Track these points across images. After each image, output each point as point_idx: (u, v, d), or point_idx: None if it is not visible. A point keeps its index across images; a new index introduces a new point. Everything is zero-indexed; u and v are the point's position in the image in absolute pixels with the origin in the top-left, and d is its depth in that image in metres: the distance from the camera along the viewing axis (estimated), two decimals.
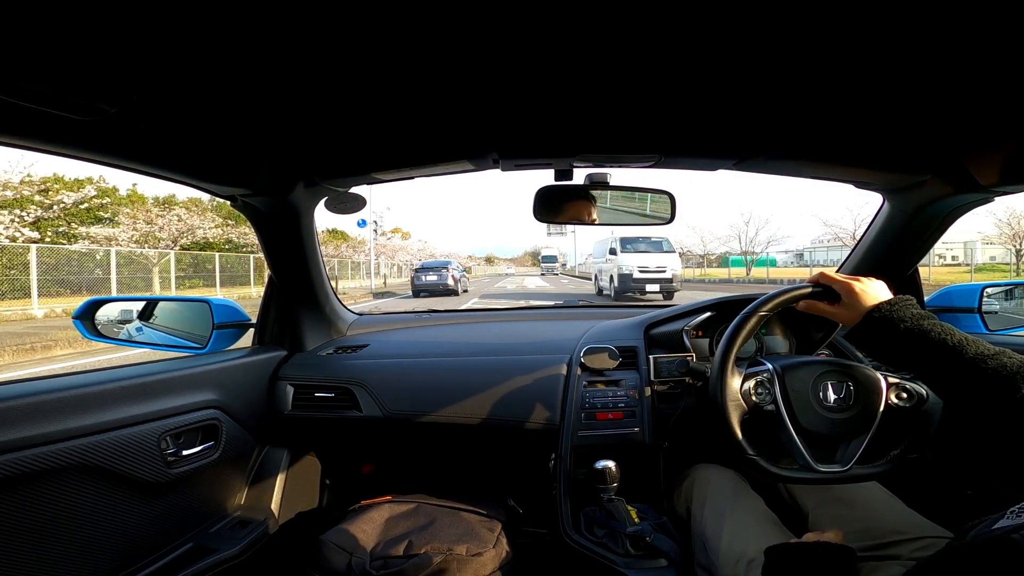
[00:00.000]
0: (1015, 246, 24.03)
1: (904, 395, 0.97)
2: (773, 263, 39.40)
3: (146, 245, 17.95)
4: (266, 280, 1.64)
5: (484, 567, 1.25)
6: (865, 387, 0.96)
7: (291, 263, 1.56)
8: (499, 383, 1.48)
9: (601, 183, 1.34)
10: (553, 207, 1.36)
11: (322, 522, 1.42)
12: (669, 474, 1.33)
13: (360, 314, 1.95)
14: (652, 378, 1.41)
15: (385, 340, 1.77)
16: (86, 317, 1.57)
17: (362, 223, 26.33)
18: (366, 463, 1.85)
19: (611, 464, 1.23)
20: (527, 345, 1.64)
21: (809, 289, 0.97)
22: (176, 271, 18.23)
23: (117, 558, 1.09)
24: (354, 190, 1.44)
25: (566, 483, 1.31)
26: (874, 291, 0.89)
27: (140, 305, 1.74)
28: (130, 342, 1.67)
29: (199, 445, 1.27)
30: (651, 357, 1.44)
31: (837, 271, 1.65)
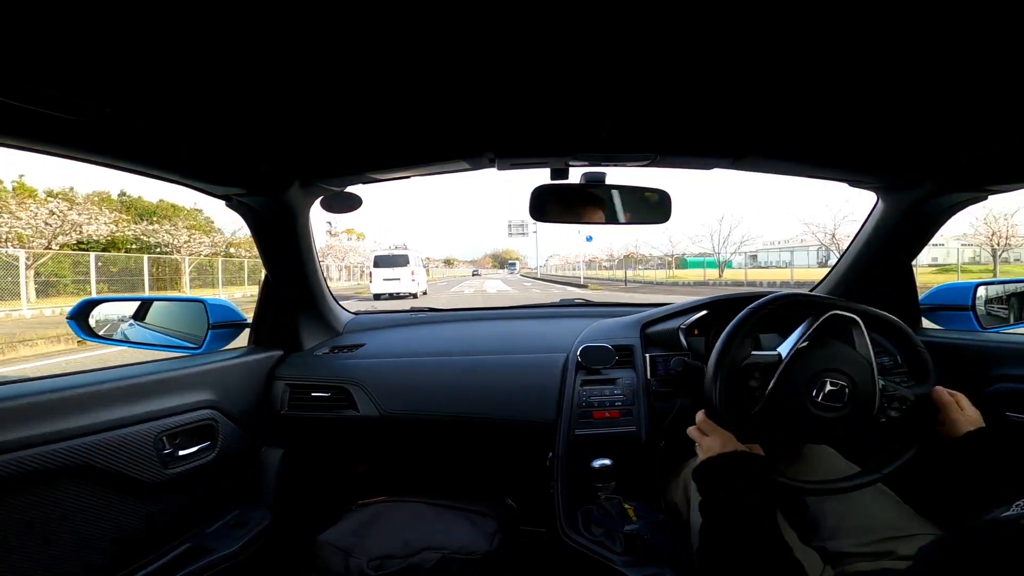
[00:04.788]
0: (992, 245, 24.90)
1: (896, 404, 0.97)
2: (729, 265, 39.92)
3: (11, 243, 15.71)
4: (261, 279, 1.63)
5: (481, 566, 1.25)
6: (862, 398, 0.95)
7: (286, 263, 1.55)
8: (495, 382, 1.48)
9: (597, 182, 1.34)
10: (549, 206, 1.36)
11: (319, 522, 1.42)
12: (666, 472, 1.34)
13: (356, 313, 1.95)
14: (648, 376, 1.42)
15: (381, 339, 1.77)
16: (80, 317, 1.56)
17: None
18: (363, 463, 1.85)
19: (608, 463, 1.23)
20: (523, 344, 1.65)
21: (784, 298, 1.00)
22: (57, 273, 16.39)
23: (114, 559, 1.09)
24: (349, 189, 1.44)
25: (563, 482, 1.31)
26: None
27: (135, 305, 1.73)
28: (125, 342, 1.67)
29: (195, 445, 1.27)
30: (647, 355, 1.45)
31: (828, 273, 1.66)
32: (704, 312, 1.48)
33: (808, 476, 1.00)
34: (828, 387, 0.94)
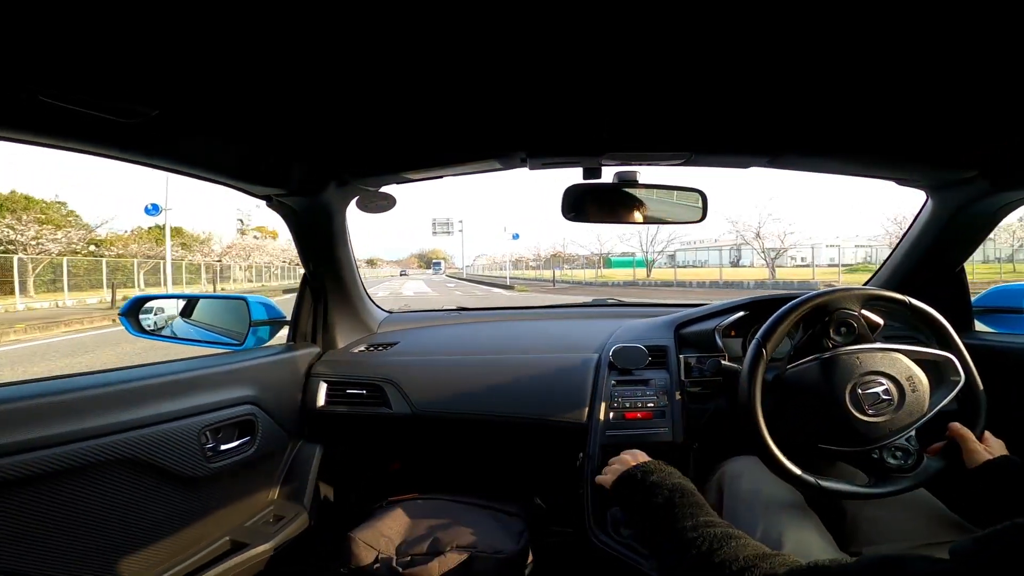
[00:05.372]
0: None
1: (900, 454, 0.94)
2: (640, 263, 39.79)
3: None
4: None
5: (508, 565, 1.25)
6: (888, 426, 0.93)
7: (324, 262, 1.59)
8: (527, 381, 1.48)
9: (630, 181, 1.33)
10: (582, 206, 1.35)
11: (351, 518, 1.44)
12: (699, 475, 1.31)
13: (391, 312, 1.98)
14: (682, 378, 1.39)
15: (415, 338, 1.79)
16: (131, 314, 1.63)
17: (153, 208, 20.07)
18: (395, 460, 1.87)
19: None
20: (556, 343, 1.64)
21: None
22: None
23: (157, 551, 1.13)
24: (384, 189, 1.46)
25: (593, 482, 1.30)
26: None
27: (182, 303, 1.80)
28: (173, 338, 1.74)
29: (236, 440, 1.30)
30: (681, 357, 1.42)
31: (877, 271, 1.60)
32: (742, 313, 1.44)
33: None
34: (878, 389, 0.92)
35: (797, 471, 0.92)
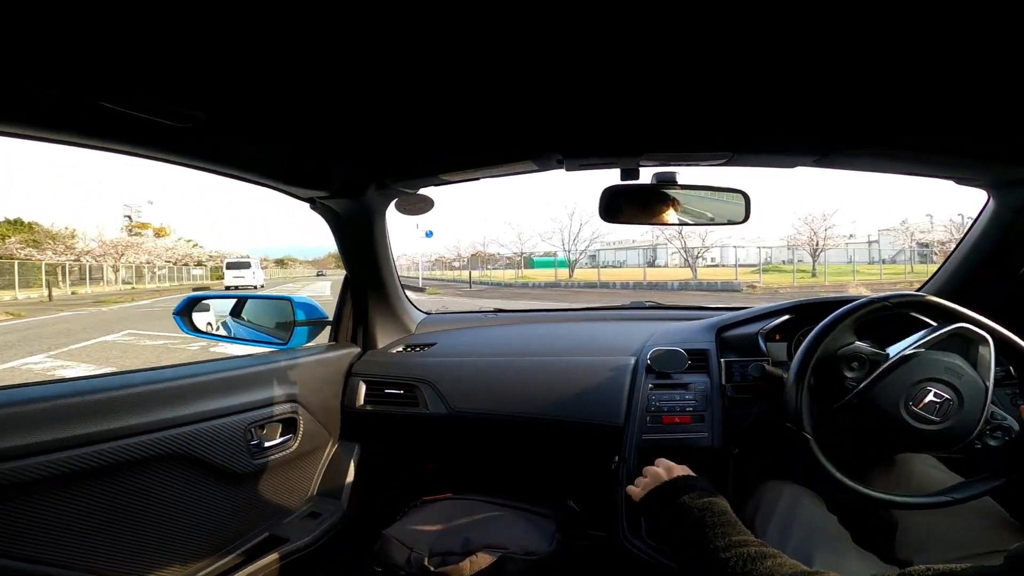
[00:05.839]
0: (812, 246, 29.08)
1: (999, 434, 0.88)
2: (563, 264, 38.79)
3: None
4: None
5: (540, 567, 1.24)
6: (965, 419, 0.87)
7: (364, 263, 1.62)
8: (564, 383, 1.47)
9: (669, 182, 1.30)
10: (620, 207, 1.33)
11: (385, 516, 1.46)
12: (738, 481, 1.26)
13: (428, 313, 2.01)
14: (723, 382, 1.35)
15: (452, 339, 1.80)
16: (185, 314, 1.70)
17: None
18: (430, 459, 1.89)
19: None
20: (593, 346, 1.62)
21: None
22: None
23: (200, 544, 1.17)
24: (422, 191, 1.49)
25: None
26: None
27: (232, 302, 1.87)
28: (224, 337, 1.81)
29: (279, 437, 1.35)
30: (723, 360, 1.38)
31: (933, 275, 1.51)
32: (787, 316, 1.39)
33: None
34: (930, 397, 0.87)
35: (914, 499, 0.89)
